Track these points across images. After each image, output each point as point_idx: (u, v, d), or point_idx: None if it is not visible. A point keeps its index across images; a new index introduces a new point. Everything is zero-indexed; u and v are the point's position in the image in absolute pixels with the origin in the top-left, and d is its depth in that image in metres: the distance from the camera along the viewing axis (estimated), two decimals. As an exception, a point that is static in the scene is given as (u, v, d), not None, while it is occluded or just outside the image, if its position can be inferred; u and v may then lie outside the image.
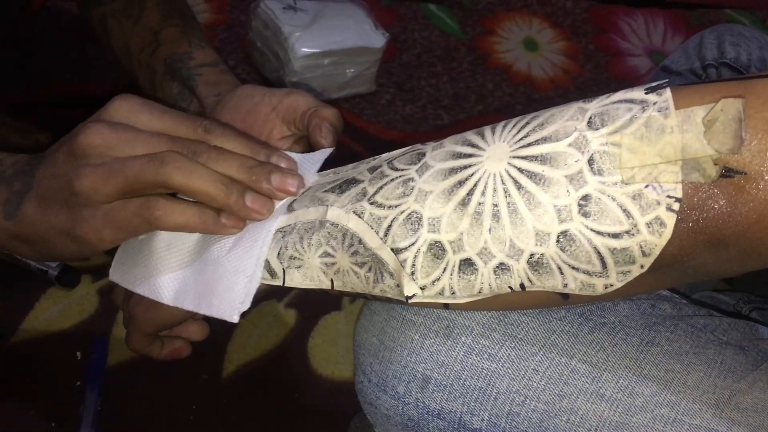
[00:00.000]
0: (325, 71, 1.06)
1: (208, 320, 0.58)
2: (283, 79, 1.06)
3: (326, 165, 0.47)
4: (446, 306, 0.39)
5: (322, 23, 1.06)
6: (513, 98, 1.20)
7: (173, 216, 0.41)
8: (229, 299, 0.43)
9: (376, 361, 0.45)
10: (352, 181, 0.42)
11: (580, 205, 0.35)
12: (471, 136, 0.40)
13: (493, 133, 0.39)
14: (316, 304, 0.77)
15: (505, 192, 0.36)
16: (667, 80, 0.36)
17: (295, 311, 0.76)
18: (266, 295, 0.77)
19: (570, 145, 0.36)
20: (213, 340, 0.72)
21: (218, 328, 0.74)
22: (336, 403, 0.69)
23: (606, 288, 0.36)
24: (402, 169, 0.41)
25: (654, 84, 0.35)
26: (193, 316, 0.54)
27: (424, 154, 0.41)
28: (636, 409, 0.41)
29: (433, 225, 0.38)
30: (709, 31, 0.76)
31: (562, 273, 0.36)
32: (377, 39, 1.08)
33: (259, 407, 0.69)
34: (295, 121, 0.51)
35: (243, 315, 0.74)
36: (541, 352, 0.42)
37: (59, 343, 0.71)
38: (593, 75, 1.28)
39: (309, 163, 0.47)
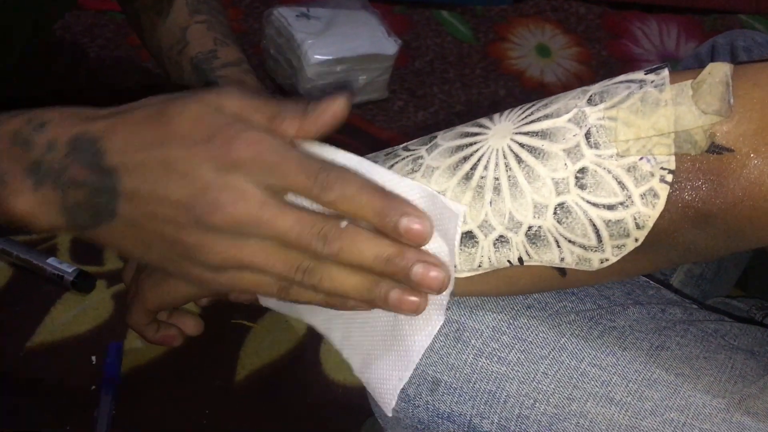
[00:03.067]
0: (337, 78, 1.07)
1: (217, 324, 0.58)
2: (297, 87, 1.07)
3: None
4: None
5: (335, 31, 1.07)
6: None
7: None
8: (381, 392, 0.44)
9: (387, 365, 0.45)
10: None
11: (576, 177, 0.36)
12: (480, 119, 0.41)
13: (501, 115, 0.40)
14: (328, 310, 0.78)
15: (506, 166, 0.37)
16: (666, 63, 0.37)
17: (308, 316, 0.77)
18: (279, 301, 0.77)
19: (569, 120, 0.37)
20: (226, 345, 0.72)
21: (230, 334, 0.74)
22: (348, 407, 0.69)
23: (602, 263, 0.37)
24: (413, 150, 0.42)
25: (654, 66, 0.37)
26: (194, 300, 0.54)
27: (435, 137, 0.42)
28: (645, 413, 0.41)
29: None
30: (721, 37, 0.77)
31: (559, 246, 0.37)
32: (390, 46, 1.09)
33: (271, 412, 0.69)
34: None
35: (255, 320, 0.75)
36: (551, 356, 0.42)
37: (74, 347, 0.72)
38: (606, 81, 1.28)
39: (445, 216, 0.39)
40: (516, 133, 0.38)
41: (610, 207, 0.35)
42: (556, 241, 0.37)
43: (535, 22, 1.37)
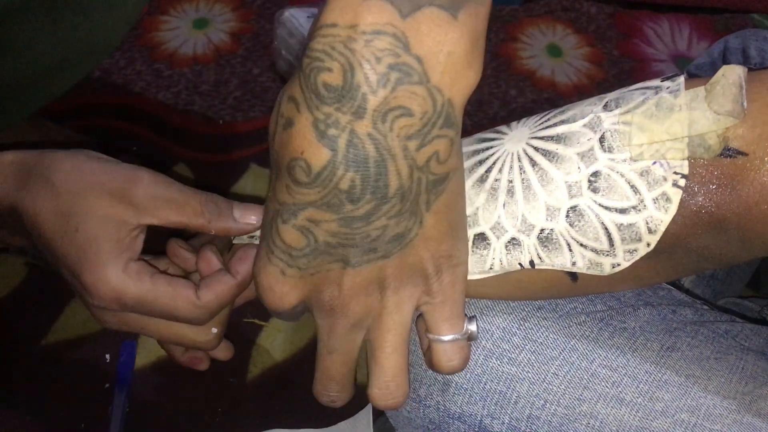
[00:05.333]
0: (349, 78, 1.07)
1: (229, 323, 0.58)
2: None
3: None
4: None
5: (346, 31, 1.07)
6: (536, 104, 1.19)
7: None
8: None
9: (398, 365, 0.46)
10: None
11: (590, 181, 0.36)
12: (499, 126, 0.41)
13: (518, 122, 0.41)
14: (339, 309, 0.78)
15: (521, 169, 0.38)
16: (682, 71, 0.37)
17: (319, 316, 0.77)
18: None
19: (585, 125, 0.37)
20: (238, 344, 0.73)
21: (243, 333, 0.75)
22: (359, 406, 0.70)
23: (613, 267, 0.37)
24: None
25: (671, 74, 0.37)
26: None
27: None
28: (656, 414, 0.41)
29: None
30: (733, 36, 0.76)
31: (570, 250, 0.37)
32: (401, 46, 1.09)
33: (283, 410, 0.70)
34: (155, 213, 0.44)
35: (267, 318, 0.76)
36: (561, 357, 0.43)
37: (89, 345, 0.73)
38: (617, 81, 1.27)
39: None
40: (532, 138, 0.38)
41: (623, 211, 0.36)
42: (568, 245, 0.37)
43: (545, 22, 1.37)
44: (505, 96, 1.20)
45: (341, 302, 0.36)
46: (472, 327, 0.39)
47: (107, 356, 0.71)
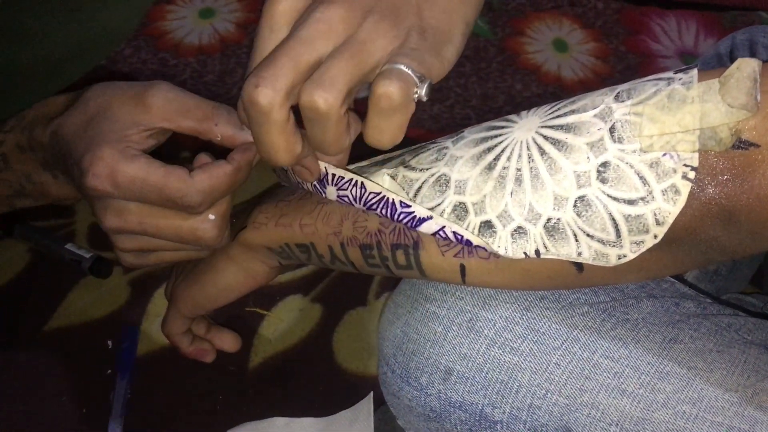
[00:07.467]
0: (354, 70, 1.07)
1: (231, 311, 0.59)
2: (313, 78, 1.07)
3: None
4: (463, 276, 0.40)
5: (352, 22, 1.07)
6: (542, 99, 1.19)
7: None
8: None
9: (400, 353, 0.46)
10: (396, 156, 0.45)
11: (598, 171, 0.36)
12: (509, 115, 0.42)
13: (529, 111, 0.41)
14: (341, 300, 0.78)
15: (529, 157, 0.38)
16: (696, 63, 0.37)
17: (321, 306, 0.77)
18: (293, 289, 0.78)
19: (595, 115, 0.37)
20: (240, 332, 0.73)
21: (245, 322, 0.75)
22: (360, 397, 0.70)
23: (619, 258, 0.36)
24: (440, 142, 0.43)
25: (684, 67, 0.37)
26: (223, 304, 0.55)
27: (463, 131, 0.43)
28: (657, 405, 0.41)
29: (460, 187, 0.39)
30: (741, 33, 0.76)
31: (577, 240, 0.37)
32: (406, 38, 1.09)
33: (283, 399, 0.70)
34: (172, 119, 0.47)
35: (269, 308, 0.76)
36: (564, 347, 0.43)
37: (91, 331, 0.73)
38: (623, 76, 1.27)
39: None
40: (542, 127, 0.38)
41: (631, 202, 0.35)
42: (575, 235, 0.37)
43: (552, 16, 1.37)
44: (511, 90, 1.19)
45: None
46: (425, 85, 0.40)
47: (109, 342, 0.72)
